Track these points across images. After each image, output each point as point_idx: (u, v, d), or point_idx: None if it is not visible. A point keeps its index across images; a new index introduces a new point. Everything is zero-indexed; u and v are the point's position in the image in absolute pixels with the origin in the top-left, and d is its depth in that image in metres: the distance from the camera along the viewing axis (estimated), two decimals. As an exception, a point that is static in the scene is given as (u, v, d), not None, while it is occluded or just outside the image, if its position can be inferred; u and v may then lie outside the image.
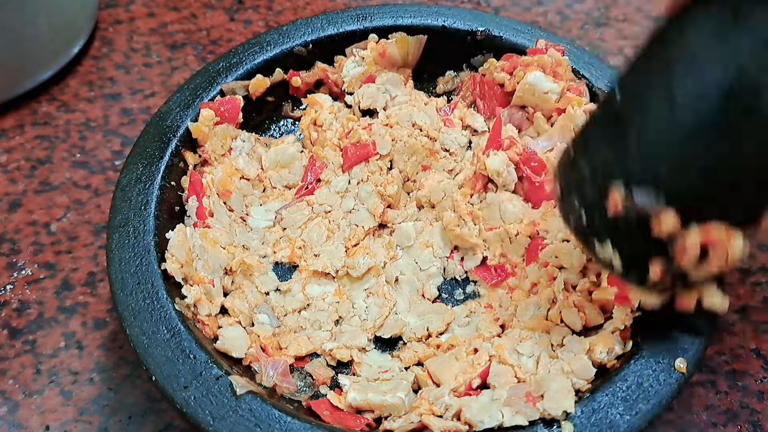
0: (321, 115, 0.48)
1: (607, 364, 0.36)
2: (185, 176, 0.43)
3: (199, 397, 0.32)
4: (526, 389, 0.34)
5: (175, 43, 0.63)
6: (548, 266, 0.41)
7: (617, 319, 0.37)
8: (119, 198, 0.39)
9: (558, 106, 0.46)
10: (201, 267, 0.40)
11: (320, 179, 0.47)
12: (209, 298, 0.39)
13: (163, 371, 0.33)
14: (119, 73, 0.60)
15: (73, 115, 0.56)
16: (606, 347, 0.36)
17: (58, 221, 0.50)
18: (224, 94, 0.45)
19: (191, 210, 0.42)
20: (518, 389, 0.34)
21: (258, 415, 0.32)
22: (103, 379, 0.43)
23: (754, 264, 0.50)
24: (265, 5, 0.67)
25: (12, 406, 0.41)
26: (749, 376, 0.44)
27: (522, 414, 0.33)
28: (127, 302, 0.35)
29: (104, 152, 0.54)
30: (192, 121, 0.43)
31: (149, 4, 0.66)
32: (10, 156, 0.53)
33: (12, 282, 0.47)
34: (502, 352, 0.37)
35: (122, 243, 0.37)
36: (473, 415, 0.33)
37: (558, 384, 0.34)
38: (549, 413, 0.33)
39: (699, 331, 0.35)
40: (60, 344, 0.44)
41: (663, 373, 0.33)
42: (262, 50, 0.47)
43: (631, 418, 0.32)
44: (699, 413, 0.43)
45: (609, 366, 0.36)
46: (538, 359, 0.37)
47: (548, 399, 0.33)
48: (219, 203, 0.44)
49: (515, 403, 0.33)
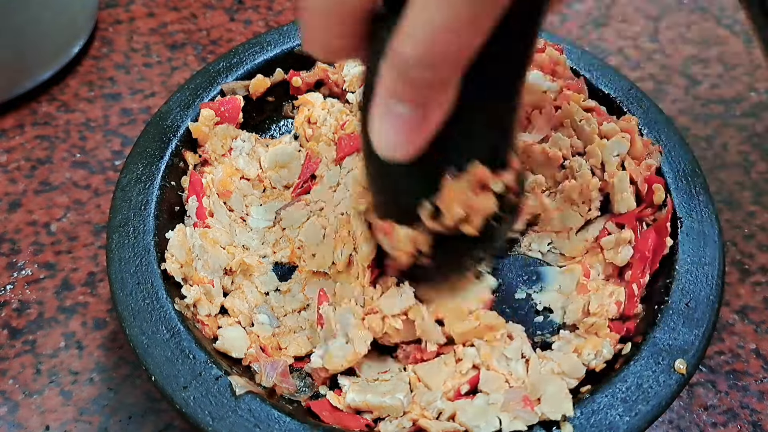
0: (314, 112, 0.48)
1: (596, 368, 0.36)
2: (185, 176, 0.43)
3: (198, 397, 0.32)
4: (523, 393, 0.34)
5: (175, 43, 0.63)
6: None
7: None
8: (119, 198, 0.39)
9: (556, 104, 0.46)
10: (201, 267, 0.39)
11: (315, 175, 0.46)
12: (209, 298, 0.39)
13: (163, 371, 0.33)
14: (119, 73, 0.60)
15: (73, 115, 0.56)
16: (594, 350, 0.36)
17: (58, 221, 0.50)
18: (224, 94, 0.45)
19: (191, 210, 0.41)
20: (514, 393, 0.34)
21: (257, 415, 0.32)
22: (103, 379, 0.43)
23: (754, 264, 0.50)
24: (265, 5, 0.67)
25: (12, 406, 0.41)
26: (749, 376, 0.44)
27: (521, 419, 0.33)
28: (126, 302, 0.35)
29: (104, 152, 0.54)
30: (192, 121, 0.43)
31: (149, 4, 0.66)
32: (10, 156, 0.53)
33: (12, 282, 0.47)
34: (489, 361, 0.36)
35: (122, 243, 0.37)
36: (468, 420, 0.33)
37: (554, 387, 0.34)
38: (548, 416, 0.33)
39: (699, 332, 0.35)
40: (60, 344, 0.44)
41: (663, 374, 0.33)
42: (263, 50, 0.47)
43: (631, 420, 0.32)
44: (699, 413, 0.43)
45: (597, 370, 0.36)
46: (528, 360, 0.37)
47: (545, 402, 0.33)
48: (219, 203, 0.44)
49: (512, 408, 0.33)
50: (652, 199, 0.40)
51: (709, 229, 0.39)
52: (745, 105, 0.61)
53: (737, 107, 0.61)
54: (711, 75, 0.63)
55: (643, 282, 0.39)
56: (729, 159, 0.57)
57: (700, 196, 0.40)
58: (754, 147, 0.58)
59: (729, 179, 0.55)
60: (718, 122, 0.59)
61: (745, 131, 0.59)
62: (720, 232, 0.39)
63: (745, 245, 0.51)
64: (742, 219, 0.53)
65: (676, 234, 0.39)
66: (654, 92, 0.61)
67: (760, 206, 0.53)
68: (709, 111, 0.60)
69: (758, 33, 0.39)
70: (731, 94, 0.62)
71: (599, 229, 0.42)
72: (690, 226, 0.39)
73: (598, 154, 0.42)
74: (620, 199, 0.41)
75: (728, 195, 0.54)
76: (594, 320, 0.38)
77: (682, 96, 0.61)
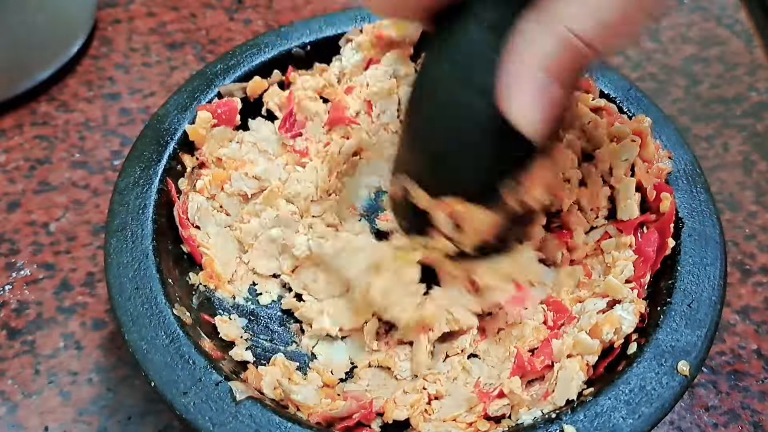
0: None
1: (614, 343, 0.36)
2: (182, 178, 0.42)
3: (198, 402, 0.32)
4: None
5: (175, 42, 0.63)
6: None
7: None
8: (117, 202, 0.39)
9: None
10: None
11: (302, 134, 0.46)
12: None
13: (163, 377, 0.33)
14: (118, 73, 0.60)
15: (72, 115, 0.56)
16: (612, 327, 0.36)
17: (57, 221, 0.50)
18: (222, 97, 0.45)
19: (176, 220, 0.41)
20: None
21: (258, 420, 0.32)
22: (102, 380, 0.43)
23: (754, 264, 0.50)
24: (264, 5, 0.67)
25: (11, 406, 0.41)
26: (750, 377, 0.44)
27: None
28: (125, 307, 0.35)
29: (103, 152, 0.54)
30: (189, 123, 0.43)
31: (148, 3, 0.66)
32: (8, 156, 0.53)
33: (11, 282, 0.46)
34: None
35: (120, 247, 0.37)
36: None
37: (568, 372, 0.35)
38: (556, 404, 0.33)
39: (701, 333, 0.35)
40: (59, 345, 0.44)
41: (666, 376, 0.33)
42: (260, 52, 0.46)
43: (634, 422, 0.32)
44: (700, 414, 0.43)
45: (616, 345, 0.36)
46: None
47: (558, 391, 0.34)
48: (208, 210, 0.43)
49: (533, 404, 0.34)
50: (658, 207, 0.40)
51: (711, 229, 0.39)
52: (745, 105, 0.61)
53: (738, 107, 0.60)
54: (711, 75, 0.63)
55: (644, 282, 0.38)
56: (730, 159, 0.57)
57: (701, 196, 0.40)
58: (754, 147, 0.57)
59: (730, 179, 0.55)
60: (718, 122, 0.59)
61: (746, 131, 0.59)
62: (721, 233, 0.39)
63: (746, 245, 0.51)
64: (743, 219, 0.53)
65: (677, 235, 0.38)
66: (654, 92, 0.61)
67: (761, 206, 0.53)
68: (709, 111, 0.60)
69: (759, 33, 0.38)
70: (732, 93, 0.62)
71: (601, 233, 0.42)
72: (691, 227, 0.39)
73: (607, 159, 0.42)
74: (624, 207, 0.41)
75: (729, 195, 0.54)
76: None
77: (682, 96, 0.61)
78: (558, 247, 0.42)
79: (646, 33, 0.66)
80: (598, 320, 0.36)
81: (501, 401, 0.35)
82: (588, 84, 0.45)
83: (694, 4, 0.69)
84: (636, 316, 0.36)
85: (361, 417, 0.34)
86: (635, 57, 0.64)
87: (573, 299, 0.39)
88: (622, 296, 0.37)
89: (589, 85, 0.45)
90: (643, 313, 0.37)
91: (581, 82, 0.45)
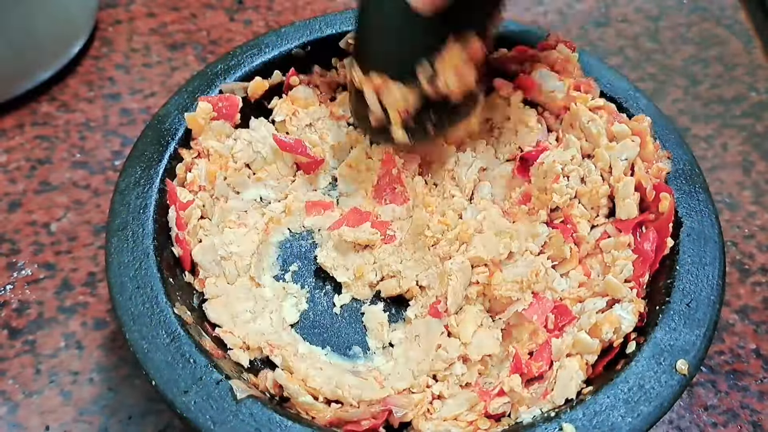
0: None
1: (613, 342, 0.36)
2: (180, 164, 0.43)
3: (199, 401, 0.32)
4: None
5: (175, 43, 0.63)
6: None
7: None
8: (117, 202, 0.39)
9: (564, 103, 0.45)
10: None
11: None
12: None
13: (163, 376, 0.33)
14: (119, 73, 0.60)
15: (72, 115, 0.56)
16: (611, 326, 0.36)
17: (57, 221, 0.50)
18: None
19: (171, 221, 0.40)
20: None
21: (259, 419, 0.32)
22: (103, 379, 0.43)
23: (753, 264, 0.50)
24: (265, 5, 0.67)
25: (12, 406, 0.41)
26: (749, 377, 0.44)
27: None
28: (126, 306, 0.35)
29: (104, 152, 0.54)
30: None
31: (149, 4, 0.66)
32: (9, 156, 0.53)
33: (12, 282, 0.47)
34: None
35: (121, 247, 0.37)
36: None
37: (567, 371, 0.35)
38: (555, 403, 0.34)
39: (700, 332, 0.35)
40: (60, 344, 0.44)
41: (664, 374, 0.33)
42: (261, 52, 0.47)
43: (633, 420, 0.32)
44: (699, 413, 0.43)
45: (615, 345, 0.36)
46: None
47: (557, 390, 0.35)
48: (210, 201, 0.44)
49: (533, 402, 0.35)
50: (657, 206, 0.40)
51: (709, 229, 0.39)
52: (744, 105, 0.61)
53: (737, 107, 0.61)
54: (711, 75, 0.63)
55: (643, 281, 0.39)
56: (729, 159, 0.57)
57: (700, 196, 0.40)
58: (753, 147, 0.58)
59: (729, 179, 0.55)
60: (717, 122, 0.59)
61: (745, 131, 0.59)
62: (720, 232, 0.39)
63: (745, 245, 0.51)
64: (742, 219, 0.53)
65: (676, 234, 0.38)
66: (654, 92, 0.61)
67: (760, 206, 0.54)
68: (709, 111, 0.60)
69: (758, 33, 0.39)
70: (731, 94, 0.62)
71: (600, 232, 0.42)
72: (690, 226, 0.39)
73: (606, 158, 0.42)
74: (623, 205, 0.41)
75: (728, 195, 0.54)
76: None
77: (681, 96, 0.61)
78: (564, 242, 0.42)
79: (645, 33, 0.66)
80: (597, 319, 0.37)
81: (501, 399, 0.35)
82: (588, 84, 0.45)
83: (693, 4, 0.69)
84: (635, 316, 0.36)
85: (371, 425, 0.34)
86: (635, 57, 0.64)
87: (573, 299, 0.40)
88: (622, 295, 0.37)
89: (589, 85, 0.45)
90: (642, 312, 0.37)
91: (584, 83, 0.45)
